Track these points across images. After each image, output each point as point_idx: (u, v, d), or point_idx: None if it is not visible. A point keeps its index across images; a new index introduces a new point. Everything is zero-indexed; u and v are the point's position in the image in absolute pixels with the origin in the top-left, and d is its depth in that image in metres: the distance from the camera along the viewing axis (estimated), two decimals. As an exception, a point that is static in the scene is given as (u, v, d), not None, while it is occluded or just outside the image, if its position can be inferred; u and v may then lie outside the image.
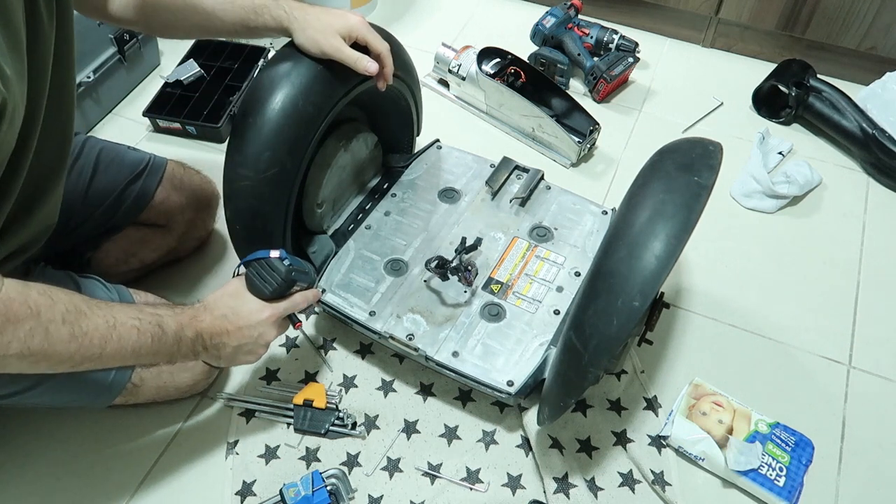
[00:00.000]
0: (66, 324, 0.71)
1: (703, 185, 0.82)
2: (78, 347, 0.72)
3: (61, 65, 0.80)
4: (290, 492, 0.95)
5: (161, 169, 1.17)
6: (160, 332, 0.80)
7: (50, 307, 0.70)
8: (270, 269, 0.91)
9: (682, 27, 1.78)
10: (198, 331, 0.85)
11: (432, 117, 1.41)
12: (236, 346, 0.89)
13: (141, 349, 0.78)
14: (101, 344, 0.74)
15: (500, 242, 1.15)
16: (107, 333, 0.75)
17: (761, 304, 1.25)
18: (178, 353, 0.84)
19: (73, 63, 0.86)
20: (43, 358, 0.70)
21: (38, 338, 0.69)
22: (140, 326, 0.78)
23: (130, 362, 0.80)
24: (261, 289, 0.91)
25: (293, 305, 0.94)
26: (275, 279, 0.91)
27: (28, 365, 0.70)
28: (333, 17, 0.96)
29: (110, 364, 0.77)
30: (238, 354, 0.90)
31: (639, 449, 1.04)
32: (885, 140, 1.43)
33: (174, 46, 1.69)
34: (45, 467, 1.02)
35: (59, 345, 0.71)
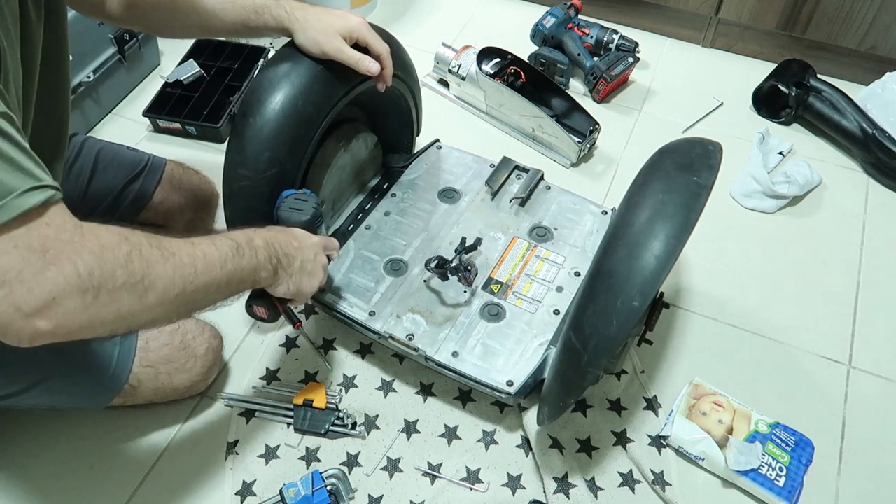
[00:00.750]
0: (153, 246, 0.67)
1: (702, 185, 0.82)
2: (174, 268, 0.68)
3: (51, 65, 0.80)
4: (290, 492, 0.95)
5: (160, 169, 1.17)
6: (234, 245, 0.76)
7: (132, 233, 0.66)
8: (302, 201, 0.96)
9: (682, 27, 1.78)
10: (266, 239, 0.82)
11: (432, 117, 1.41)
12: (302, 261, 0.87)
13: (226, 262, 0.74)
14: (191, 262, 0.70)
15: (499, 242, 1.15)
16: (192, 251, 0.71)
17: (761, 304, 1.25)
18: (260, 265, 0.80)
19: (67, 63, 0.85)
20: (149, 286, 0.65)
21: (137, 261, 0.64)
22: (215, 242, 0.75)
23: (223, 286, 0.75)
24: (299, 217, 0.93)
25: (329, 242, 0.94)
26: (310, 205, 0.95)
27: (138, 299, 0.64)
28: (334, 17, 0.96)
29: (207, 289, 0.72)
30: (303, 275, 0.87)
31: (639, 449, 1.04)
32: (885, 140, 1.43)
33: (174, 46, 1.69)
34: (46, 467, 1.02)
35: (157, 266, 0.66)
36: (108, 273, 0.61)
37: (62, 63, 0.84)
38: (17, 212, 0.56)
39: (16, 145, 0.58)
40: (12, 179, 0.57)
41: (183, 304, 0.70)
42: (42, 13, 0.75)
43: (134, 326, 0.66)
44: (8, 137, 0.58)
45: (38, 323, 0.57)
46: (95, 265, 0.60)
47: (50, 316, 0.58)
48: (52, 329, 0.58)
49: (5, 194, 0.56)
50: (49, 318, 0.58)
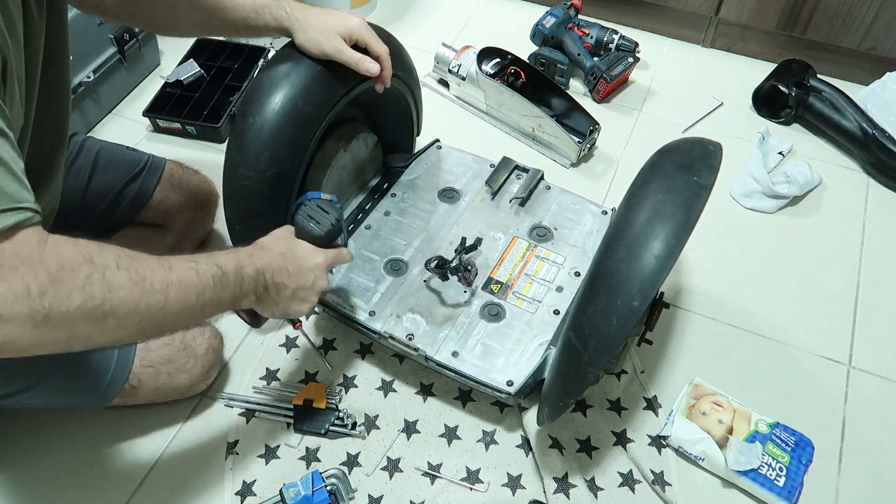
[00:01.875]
0: (122, 269, 0.64)
1: (702, 185, 0.82)
2: (141, 294, 0.64)
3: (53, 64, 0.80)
4: (290, 492, 0.95)
5: (159, 169, 1.17)
6: (219, 273, 0.73)
7: (100, 253, 0.63)
8: (324, 211, 0.89)
9: (682, 27, 1.78)
10: (258, 267, 0.79)
11: (432, 117, 1.41)
12: (294, 288, 0.84)
13: (204, 292, 0.71)
14: (162, 289, 0.67)
15: (499, 242, 1.15)
16: (166, 277, 0.68)
17: (761, 304, 1.25)
18: (242, 294, 0.77)
19: (68, 63, 0.86)
20: (110, 311, 0.62)
21: (98, 285, 0.61)
22: (197, 268, 0.72)
23: (196, 312, 0.72)
24: (313, 230, 0.88)
25: (339, 257, 0.92)
26: (329, 220, 0.89)
27: (94, 323, 0.62)
28: (334, 18, 0.96)
29: (177, 316, 0.69)
30: (294, 300, 0.85)
31: (639, 449, 1.04)
32: (885, 140, 1.43)
33: (174, 46, 1.69)
34: (45, 467, 1.02)
35: (121, 291, 0.63)
36: (62, 295, 0.59)
37: (63, 62, 0.84)
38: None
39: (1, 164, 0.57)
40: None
41: (149, 329, 0.68)
42: (44, 12, 0.75)
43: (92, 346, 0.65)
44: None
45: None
46: (48, 285, 0.58)
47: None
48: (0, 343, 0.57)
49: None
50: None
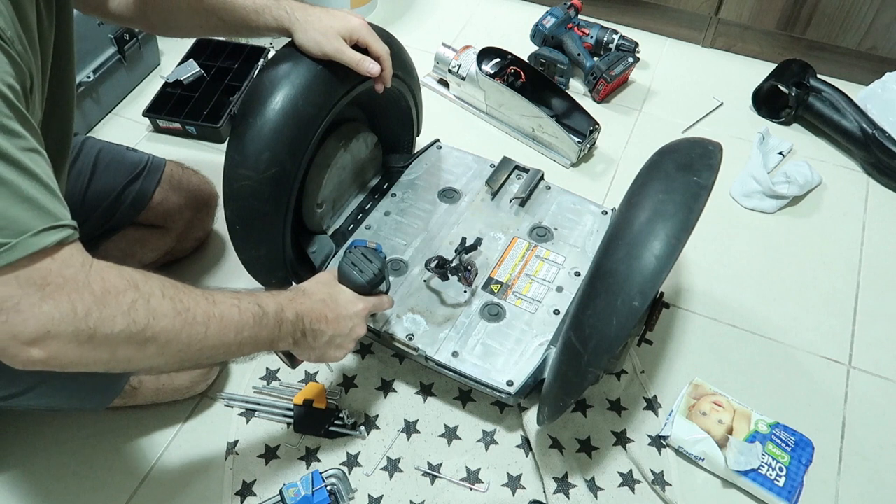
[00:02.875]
0: (167, 298, 0.66)
1: (702, 184, 0.82)
2: (183, 324, 0.66)
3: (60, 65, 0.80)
4: (290, 492, 0.95)
5: (160, 169, 1.17)
6: (260, 312, 0.75)
7: (145, 281, 0.65)
8: (368, 260, 0.91)
9: (682, 27, 1.78)
10: (298, 312, 0.80)
11: (432, 117, 1.41)
12: (332, 335, 0.85)
13: (243, 329, 0.73)
14: (204, 321, 0.68)
15: (500, 242, 1.15)
16: (208, 310, 0.69)
17: (761, 304, 1.25)
18: (279, 337, 0.78)
19: (73, 63, 0.86)
20: (151, 338, 0.64)
21: (142, 311, 0.63)
22: (240, 305, 0.73)
23: (234, 349, 0.73)
24: (356, 278, 0.89)
25: (380, 304, 0.93)
26: (372, 269, 0.90)
27: (136, 348, 0.63)
28: (335, 18, 0.96)
29: (214, 350, 0.71)
30: (330, 347, 0.86)
31: (639, 449, 1.04)
32: (885, 140, 1.43)
33: (174, 46, 1.69)
34: (46, 468, 1.02)
35: (164, 320, 0.65)
36: (106, 317, 0.60)
37: (69, 65, 0.84)
38: (29, 251, 0.56)
39: (38, 182, 0.59)
40: (30, 218, 0.57)
41: (187, 360, 0.69)
42: (54, 21, 0.75)
43: (131, 370, 0.66)
44: (31, 175, 0.58)
45: (32, 352, 0.58)
46: (94, 307, 0.60)
47: (43, 347, 0.58)
48: (45, 359, 0.59)
49: (21, 233, 0.56)
50: (42, 349, 0.58)
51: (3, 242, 0.55)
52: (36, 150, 0.59)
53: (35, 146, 0.60)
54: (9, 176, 0.56)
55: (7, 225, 0.56)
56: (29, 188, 0.58)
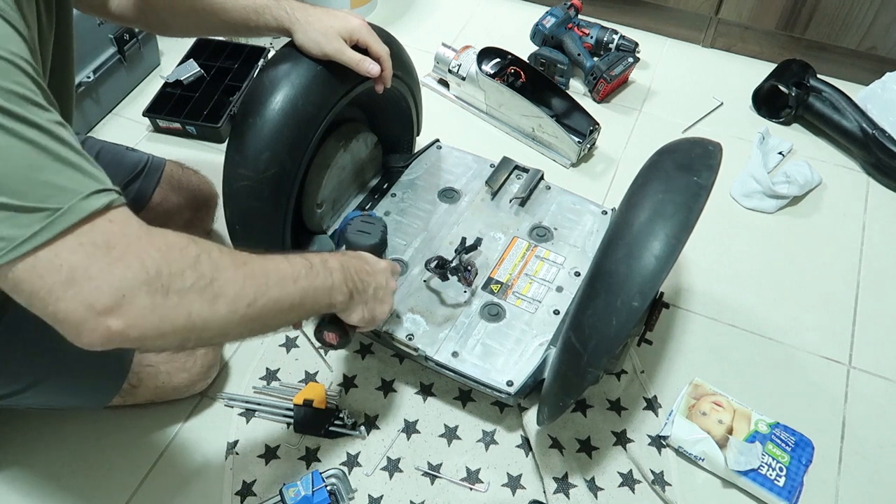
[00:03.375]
0: (224, 253, 0.66)
1: (702, 185, 0.82)
2: (245, 276, 0.66)
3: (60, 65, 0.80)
4: (290, 492, 0.95)
5: (159, 170, 1.17)
6: (308, 264, 0.75)
7: (200, 239, 0.65)
8: (370, 223, 0.96)
9: (682, 27, 1.78)
10: (341, 262, 0.80)
11: (432, 117, 1.41)
12: (375, 286, 0.85)
13: (299, 278, 0.72)
14: (263, 273, 0.68)
15: (499, 242, 1.15)
16: (263, 263, 0.69)
17: (761, 304, 1.25)
18: (334, 287, 0.78)
19: (73, 64, 0.86)
20: (220, 291, 0.63)
21: (206, 264, 0.63)
22: (287, 258, 0.73)
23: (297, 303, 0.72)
24: (367, 241, 0.93)
25: (394, 265, 0.93)
26: (378, 228, 0.95)
27: (208, 305, 0.62)
28: (335, 19, 0.96)
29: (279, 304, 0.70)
30: (376, 301, 0.86)
31: (639, 449, 1.04)
32: (885, 140, 1.43)
33: (174, 46, 1.69)
34: (45, 467, 1.02)
35: (228, 271, 0.64)
36: (176, 272, 0.60)
37: (68, 65, 0.84)
38: (83, 214, 0.56)
39: (76, 151, 0.58)
40: (78, 184, 0.57)
41: (255, 318, 0.68)
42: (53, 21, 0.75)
43: (205, 337, 0.64)
44: (68, 144, 0.58)
45: (110, 321, 0.57)
46: (163, 263, 0.59)
47: (120, 314, 0.57)
48: (123, 329, 0.57)
49: (72, 197, 0.56)
50: (120, 316, 0.57)
51: (56, 208, 0.54)
52: (63, 124, 0.59)
53: (61, 119, 0.59)
54: (50, 145, 0.56)
55: (58, 192, 0.55)
56: (69, 156, 0.57)
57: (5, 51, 0.55)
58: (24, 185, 0.54)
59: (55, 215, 0.54)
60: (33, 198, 0.54)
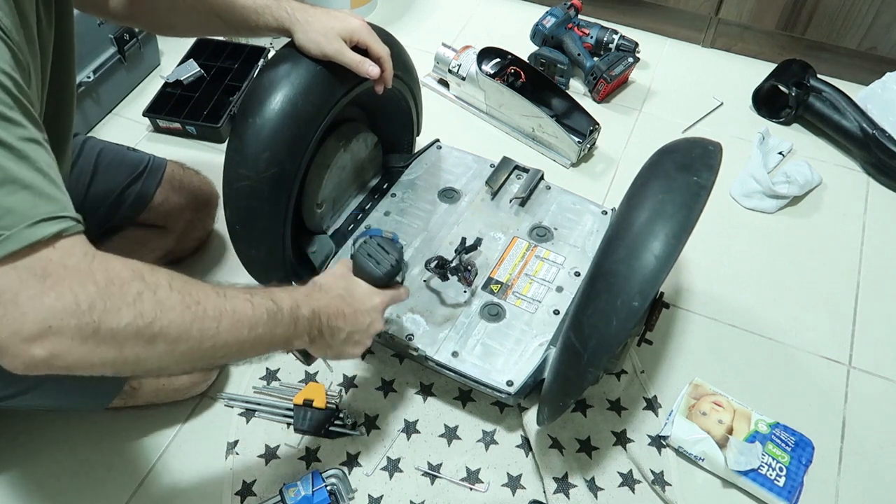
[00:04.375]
0: (175, 290, 0.62)
1: (702, 185, 0.82)
2: (193, 318, 0.62)
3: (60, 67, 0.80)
4: (290, 492, 0.95)
5: (160, 170, 1.17)
6: (275, 308, 0.71)
7: (152, 272, 0.61)
8: (384, 251, 0.87)
9: (682, 27, 1.78)
10: (314, 309, 0.77)
11: (432, 117, 1.41)
12: (349, 331, 0.82)
13: (257, 326, 0.68)
14: (216, 316, 0.64)
15: (499, 242, 1.15)
16: (220, 304, 0.65)
17: (761, 304, 1.25)
18: (295, 335, 0.74)
19: (74, 65, 0.86)
20: (160, 332, 0.60)
21: (149, 303, 0.59)
22: (252, 301, 0.69)
23: (248, 347, 0.69)
24: (372, 271, 0.86)
25: (396, 296, 0.90)
26: (389, 261, 0.86)
27: (144, 345, 0.59)
28: (335, 19, 0.96)
29: (227, 348, 0.66)
30: (348, 344, 0.83)
31: (639, 449, 1.04)
32: (885, 140, 1.43)
33: (174, 46, 1.69)
34: (46, 468, 1.02)
35: (173, 313, 0.61)
36: (111, 308, 0.57)
37: (69, 66, 0.84)
38: (25, 242, 0.54)
39: (38, 171, 0.56)
40: (28, 208, 0.55)
41: (198, 358, 0.65)
42: (53, 21, 0.75)
43: (140, 372, 0.62)
44: (30, 164, 0.56)
45: (34, 350, 0.55)
46: (98, 297, 0.56)
47: (45, 344, 0.55)
48: (47, 358, 0.55)
49: (16, 223, 0.54)
50: (44, 346, 0.55)
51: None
52: (36, 141, 0.58)
53: (36, 136, 0.58)
54: (5, 164, 0.54)
55: (3, 214, 0.54)
56: (27, 177, 0.55)
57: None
58: None
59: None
60: None
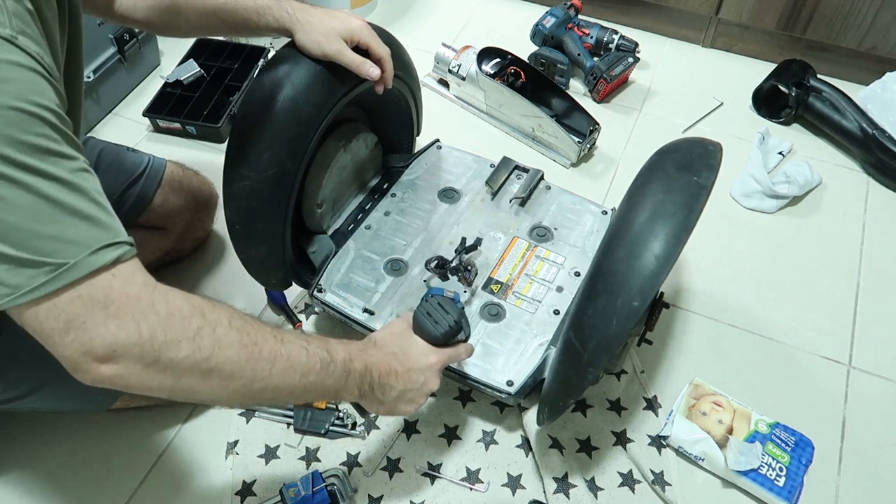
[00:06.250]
0: (234, 329, 0.64)
1: (702, 185, 0.82)
2: (248, 358, 0.65)
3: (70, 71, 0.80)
4: (290, 492, 0.95)
5: (160, 171, 1.17)
6: (328, 359, 0.72)
7: (212, 309, 0.64)
8: (444, 310, 0.86)
9: (682, 27, 1.78)
10: (367, 365, 0.77)
11: (432, 117, 1.41)
12: (402, 390, 0.81)
13: (309, 374, 0.70)
14: (270, 358, 0.66)
15: (499, 242, 1.15)
16: (275, 347, 0.67)
17: (761, 304, 1.25)
18: (345, 388, 0.75)
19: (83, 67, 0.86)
20: (215, 368, 0.62)
21: (208, 339, 0.62)
22: (308, 348, 0.71)
23: (298, 392, 0.70)
24: (431, 330, 0.85)
25: (455, 355, 0.89)
26: (447, 321, 0.86)
27: (199, 378, 0.62)
28: (336, 20, 0.96)
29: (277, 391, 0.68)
30: (401, 401, 0.82)
31: (639, 449, 1.04)
32: (885, 140, 1.43)
33: (174, 46, 1.69)
34: (46, 468, 1.02)
35: (230, 350, 0.63)
36: (171, 341, 0.60)
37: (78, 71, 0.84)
38: (87, 270, 0.57)
39: (92, 201, 0.59)
40: (87, 237, 0.58)
41: (249, 397, 0.67)
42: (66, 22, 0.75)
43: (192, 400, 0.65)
44: (85, 194, 0.59)
45: (102, 369, 0.59)
46: (159, 329, 0.59)
47: (110, 366, 0.59)
48: (112, 377, 0.59)
49: (79, 252, 0.57)
50: (110, 367, 0.59)
51: (62, 263, 0.56)
52: (86, 170, 0.60)
53: (84, 166, 0.60)
54: (63, 197, 0.57)
55: (66, 246, 0.56)
56: (85, 208, 0.58)
57: (29, 103, 0.56)
58: (31, 238, 0.55)
59: (59, 270, 0.56)
60: (40, 251, 0.56)
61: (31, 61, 0.58)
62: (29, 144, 0.55)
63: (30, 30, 0.59)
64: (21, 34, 0.58)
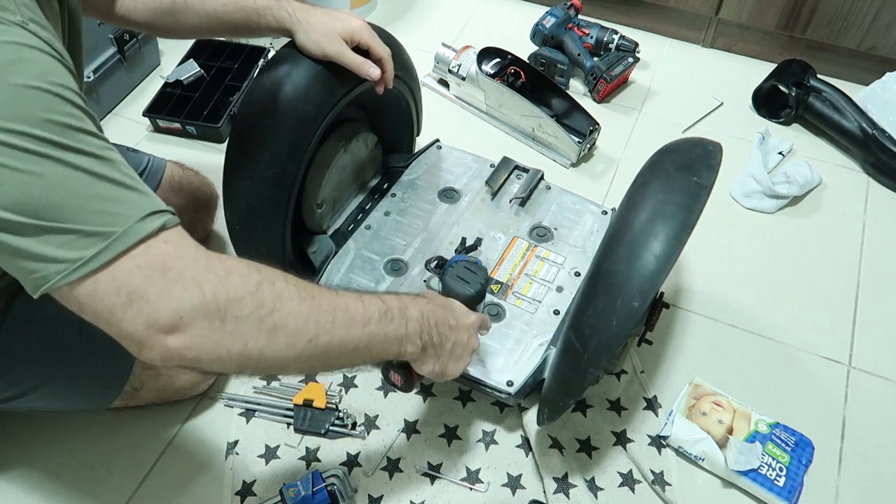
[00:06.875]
0: (290, 283, 0.64)
1: (702, 185, 0.82)
2: (309, 310, 0.64)
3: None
4: (290, 492, 0.95)
5: (160, 172, 1.17)
6: (384, 307, 0.72)
7: (266, 266, 0.64)
8: (472, 272, 0.94)
9: (682, 27, 1.78)
10: (423, 311, 0.77)
11: (432, 117, 1.41)
12: (454, 342, 0.81)
13: (370, 322, 0.69)
14: (330, 310, 0.66)
15: (499, 242, 1.15)
16: (333, 299, 0.67)
17: (761, 304, 1.25)
18: (407, 336, 0.74)
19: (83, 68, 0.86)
20: (280, 323, 0.61)
21: (269, 293, 0.61)
22: (363, 300, 0.70)
23: (362, 346, 0.69)
24: (464, 290, 0.91)
25: (485, 320, 0.89)
26: (479, 280, 0.93)
27: (266, 336, 0.61)
28: (336, 20, 0.96)
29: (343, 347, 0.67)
30: (452, 358, 0.81)
31: (639, 449, 1.04)
32: (885, 140, 1.43)
33: (174, 46, 1.69)
34: (46, 468, 1.02)
35: (291, 303, 0.63)
36: (234, 297, 0.59)
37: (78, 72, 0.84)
38: (138, 236, 0.57)
39: (128, 174, 0.59)
40: (133, 207, 0.58)
41: (316, 356, 0.66)
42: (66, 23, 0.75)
43: (262, 367, 0.64)
44: (119, 166, 0.59)
45: (169, 340, 0.58)
46: (221, 287, 0.59)
47: (179, 334, 0.58)
48: (181, 348, 0.58)
49: (127, 221, 0.57)
50: (178, 337, 0.58)
51: (111, 231, 0.56)
52: (112, 148, 0.60)
53: (111, 145, 0.60)
54: (100, 170, 0.57)
55: (113, 217, 0.56)
56: (122, 178, 0.58)
57: (51, 83, 0.56)
58: (77, 212, 0.55)
59: (111, 239, 0.56)
60: (90, 223, 0.56)
61: (45, 45, 0.58)
62: (56, 122, 0.55)
63: (38, 18, 0.59)
64: (31, 21, 0.58)
